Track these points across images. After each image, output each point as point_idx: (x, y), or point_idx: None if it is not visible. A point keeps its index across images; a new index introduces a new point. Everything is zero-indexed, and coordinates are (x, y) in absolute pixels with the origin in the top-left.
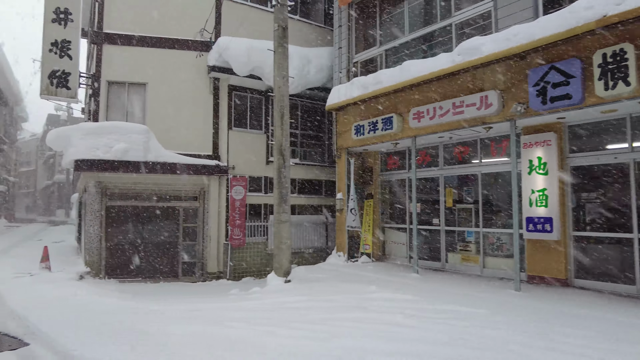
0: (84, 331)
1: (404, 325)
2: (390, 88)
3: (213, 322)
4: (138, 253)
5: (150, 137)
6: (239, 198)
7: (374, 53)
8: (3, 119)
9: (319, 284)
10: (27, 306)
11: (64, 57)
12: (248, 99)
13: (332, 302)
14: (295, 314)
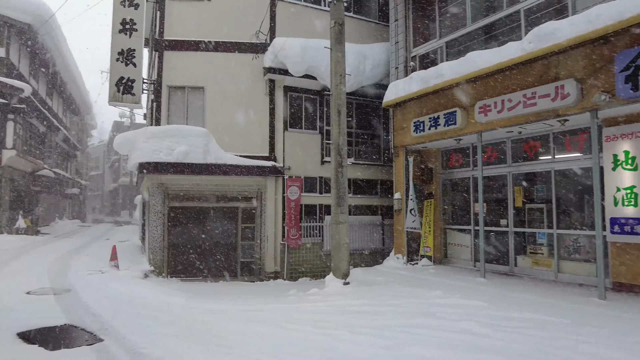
0: (152, 330)
1: (478, 334)
2: (453, 81)
3: (276, 324)
4: (198, 253)
5: (209, 140)
6: (294, 198)
7: (433, 46)
8: (76, 128)
9: (379, 288)
10: (99, 302)
11: (129, 65)
12: (303, 99)
13: (396, 306)
14: (359, 319)
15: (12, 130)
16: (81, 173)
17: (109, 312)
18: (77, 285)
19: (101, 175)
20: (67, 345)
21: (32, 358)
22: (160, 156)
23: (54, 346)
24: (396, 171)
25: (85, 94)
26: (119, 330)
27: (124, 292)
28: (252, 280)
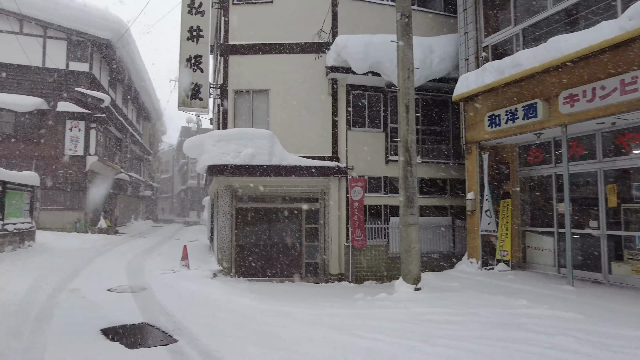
0: (224, 332)
1: (578, 352)
2: (532, 70)
3: (348, 331)
4: (264, 253)
5: (274, 142)
6: (358, 199)
7: (507, 34)
8: (148, 133)
9: (454, 294)
10: (173, 301)
11: (197, 70)
12: (366, 97)
13: (476, 316)
14: (437, 329)
15: (94, 138)
16: (153, 176)
17: (182, 311)
18: (151, 283)
19: (171, 178)
20: (144, 344)
21: (114, 355)
22: (228, 159)
23: (133, 344)
24: (468, 169)
25: (156, 102)
26: (192, 330)
27: (195, 291)
28: (317, 282)
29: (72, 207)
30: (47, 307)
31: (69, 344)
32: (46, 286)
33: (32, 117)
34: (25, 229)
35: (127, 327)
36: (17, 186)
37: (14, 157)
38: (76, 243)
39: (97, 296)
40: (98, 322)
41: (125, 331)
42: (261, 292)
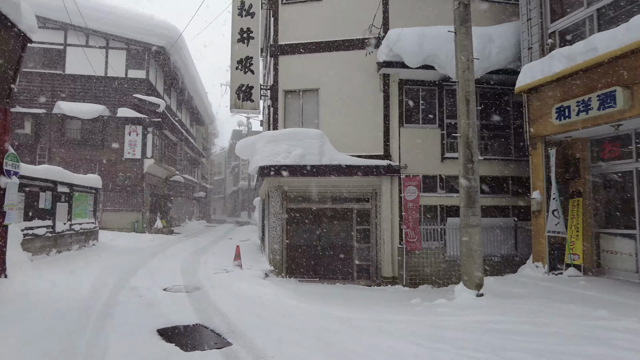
0: (277, 335)
1: None
2: (610, 54)
3: (410, 340)
4: (315, 254)
5: (324, 142)
6: (412, 199)
7: (578, 17)
8: (201, 137)
9: (521, 302)
10: (226, 302)
11: (247, 72)
12: (420, 92)
13: (548, 327)
14: (504, 339)
15: (151, 142)
16: (206, 178)
17: (235, 312)
18: (205, 283)
19: (223, 180)
20: (199, 347)
21: (171, 358)
22: (279, 159)
23: (188, 347)
24: (533, 166)
25: (208, 106)
26: (246, 333)
27: (248, 291)
28: (369, 285)
29: (131, 208)
30: (108, 305)
31: (127, 344)
32: (107, 284)
33: (96, 123)
34: (90, 228)
35: (181, 328)
36: (82, 188)
37: (81, 161)
38: (134, 242)
39: (153, 295)
40: (154, 322)
41: (180, 332)
42: (313, 294)
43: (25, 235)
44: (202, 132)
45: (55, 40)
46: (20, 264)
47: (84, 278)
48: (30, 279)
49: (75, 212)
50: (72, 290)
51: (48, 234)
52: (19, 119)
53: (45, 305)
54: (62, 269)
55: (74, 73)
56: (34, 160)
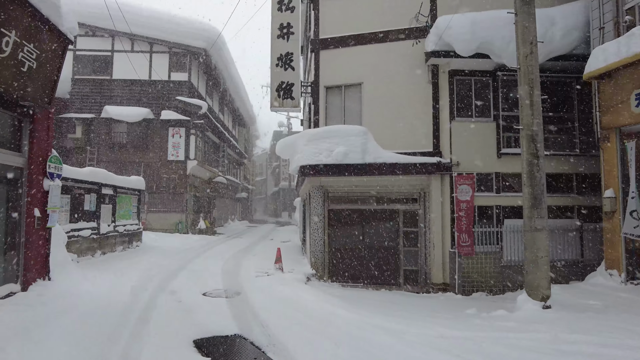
0: (323, 348)
1: None
2: None
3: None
4: (359, 257)
5: (367, 139)
6: (466, 199)
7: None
8: (243, 138)
9: (597, 316)
10: (267, 309)
11: (288, 69)
12: (472, 83)
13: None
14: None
15: (193, 143)
16: (248, 179)
17: (276, 322)
18: (246, 287)
19: (264, 181)
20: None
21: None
22: (320, 158)
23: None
24: (605, 162)
25: (249, 108)
26: (287, 346)
27: (289, 297)
28: (417, 291)
29: (174, 209)
30: (147, 309)
31: (162, 355)
32: (147, 287)
33: (140, 126)
34: (133, 230)
35: (220, 339)
36: (126, 190)
37: (126, 164)
38: (177, 243)
39: (192, 300)
40: (191, 332)
41: (218, 344)
42: (359, 301)
43: (70, 237)
44: (244, 133)
45: (104, 47)
46: (64, 266)
47: (125, 280)
48: (73, 281)
49: (119, 214)
50: (113, 293)
51: (93, 235)
52: (71, 124)
53: (84, 309)
54: (105, 271)
55: (121, 78)
56: (83, 163)
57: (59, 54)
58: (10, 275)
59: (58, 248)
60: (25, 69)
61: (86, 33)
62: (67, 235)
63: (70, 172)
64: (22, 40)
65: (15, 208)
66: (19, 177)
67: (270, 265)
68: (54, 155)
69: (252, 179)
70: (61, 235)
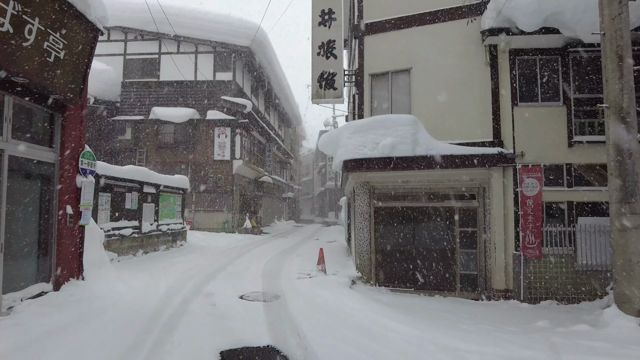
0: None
1: None
2: None
3: None
4: (409, 259)
5: (418, 128)
6: (533, 194)
7: None
8: (289, 138)
9: None
10: (306, 316)
11: (330, 57)
12: (537, 63)
13: None
14: None
15: (239, 143)
16: (294, 179)
17: (316, 333)
18: (286, 290)
19: (311, 181)
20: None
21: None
22: (365, 151)
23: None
24: None
25: (295, 107)
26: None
27: (331, 303)
28: (475, 298)
29: (221, 209)
30: (177, 314)
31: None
32: (184, 288)
33: (187, 126)
34: (177, 229)
35: (249, 351)
36: (169, 189)
37: (174, 164)
38: (222, 243)
39: (227, 304)
40: (220, 341)
41: (246, 357)
42: (410, 310)
43: (111, 236)
44: (290, 133)
45: (151, 50)
46: (100, 265)
47: (162, 280)
48: (107, 281)
49: (162, 213)
50: (147, 294)
51: (134, 234)
52: (122, 127)
53: (113, 312)
54: (144, 270)
55: (167, 80)
56: (133, 164)
57: (88, 44)
58: (42, 274)
59: (94, 247)
60: (51, 60)
61: (135, 37)
62: (107, 234)
63: (110, 170)
64: (47, 29)
65: (46, 205)
66: (50, 173)
67: (314, 266)
68: (87, 150)
69: (298, 179)
70: (97, 233)
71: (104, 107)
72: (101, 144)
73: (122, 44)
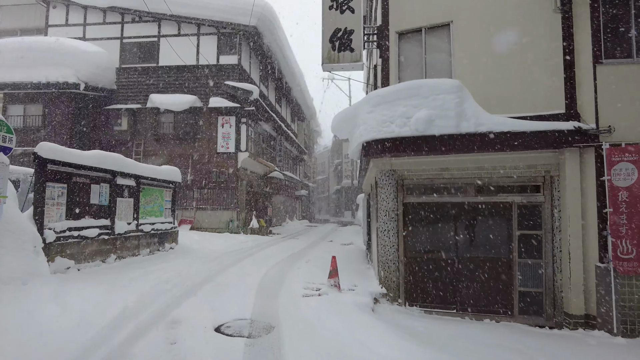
0: None
1: None
2: None
3: None
4: (450, 272)
5: (464, 97)
6: (628, 184)
7: None
8: (303, 133)
9: None
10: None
11: (345, 11)
12: (631, 6)
13: None
14: None
15: (245, 133)
16: (309, 176)
17: None
18: (284, 316)
19: (326, 179)
20: None
21: None
22: (392, 129)
23: None
24: None
25: (309, 99)
26: None
27: (346, 342)
28: (542, 325)
29: (225, 206)
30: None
31: None
32: (144, 311)
33: (188, 115)
34: (166, 229)
35: None
36: (154, 182)
37: (174, 157)
38: (221, 245)
39: (195, 340)
40: None
41: None
42: (460, 349)
43: (67, 238)
44: (304, 128)
45: (150, 33)
46: (29, 279)
47: (120, 298)
48: (34, 302)
49: (145, 210)
50: (85, 321)
51: (103, 236)
52: (117, 116)
53: (16, 354)
54: (103, 283)
55: (167, 64)
56: (129, 156)
57: None
58: None
59: (21, 253)
60: None
61: (133, 20)
62: (60, 236)
63: (65, 154)
64: None
65: None
66: None
67: (324, 277)
68: (1, 120)
69: (312, 176)
70: (29, 235)
71: (95, 94)
72: (94, 136)
73: (119, 27)
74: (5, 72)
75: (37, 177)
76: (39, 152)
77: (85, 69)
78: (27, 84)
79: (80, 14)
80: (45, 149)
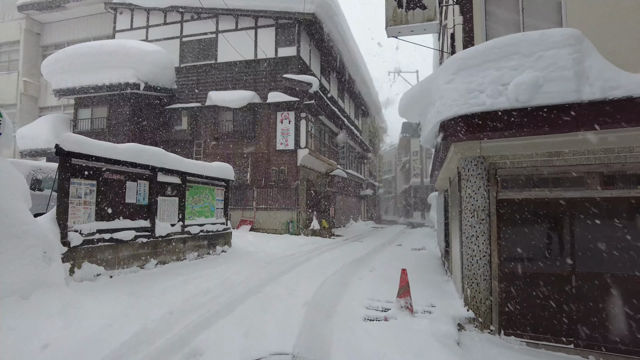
0: None
1: None
2: None
3: None
4: (564, 292)
5: (585, 51)
6: None
7: None
8: (367, 130)
9: None
10: None
11: None
12: None
13: None
14: None
15: (304, 129)
16: (374, 175)
17: None
18: (337, 351)
19: (394, 178)
20: None
21: None
22: (481, 99)
23: None
24: None
25: (373, 93)
26: None
27: None
28: None
29: (285, 207)
30: None
31: None
32: (163, 334)
33: (246, 112)
34: (217, 231)
35: None
36: (203, 179)
37: (233, 155)
38: (278, 248)
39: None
40: None
41: None
42: None
43: (96, 242)
44: (369, 124)
45: (208, 30)
46: (32, 291)
47: (140, 316)
48: (25, 322)
49: (193, 210)
50: (80, 350)
51: (141, 239)
52: (177, 116)
53: None
54: (132, 294)
55: (225, 61)
56: (190, 156)
57: None
58: None
59: (25, 261)
60: None
61: (192, 17)
62: (87, 239)
63: (93, 146)
64: None
65: None
66: None
67: (391, 293)
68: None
69: (378, 175)
70: (38, 240)
71: (155, 94)
72: (155, 136)
73: (179, 26)
74: (75, 77)
75: (61, 172)
76: (61, 145)
77: (145, 69)
78: (93, 87)
79: (143, 16)
80: (70, 140)
